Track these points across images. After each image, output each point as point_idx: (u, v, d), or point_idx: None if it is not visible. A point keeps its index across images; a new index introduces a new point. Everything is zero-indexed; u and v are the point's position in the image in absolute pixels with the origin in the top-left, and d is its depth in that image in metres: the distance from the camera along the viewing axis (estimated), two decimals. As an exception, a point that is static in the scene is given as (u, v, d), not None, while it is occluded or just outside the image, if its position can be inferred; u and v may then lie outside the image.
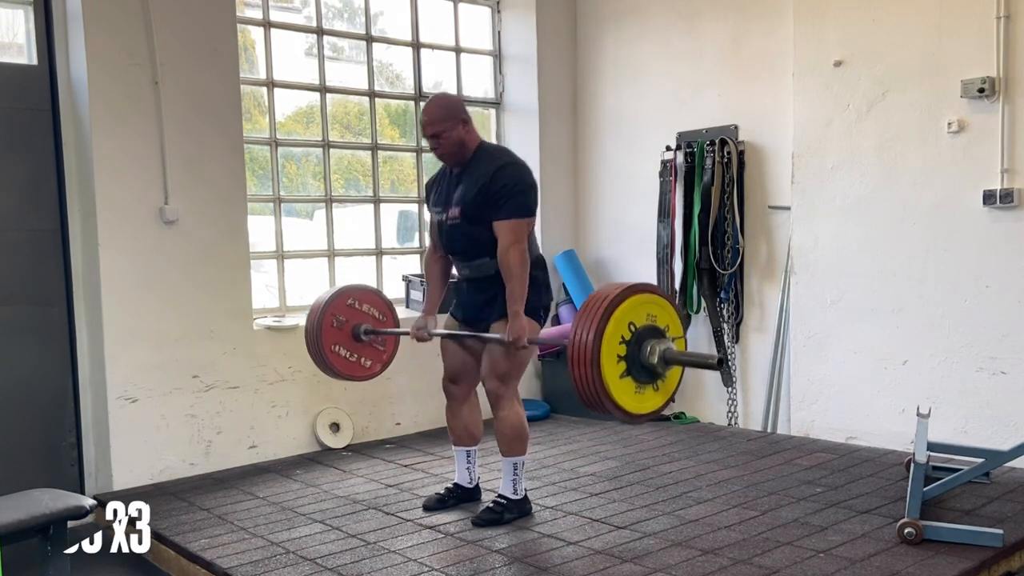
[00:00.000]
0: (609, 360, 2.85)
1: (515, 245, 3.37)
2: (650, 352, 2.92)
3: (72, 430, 4.35)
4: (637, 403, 2.95)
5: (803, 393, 4.94)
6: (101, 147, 4.18)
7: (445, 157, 3.54)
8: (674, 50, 5.53)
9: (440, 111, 3.46)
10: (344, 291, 4.20)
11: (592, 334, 2.83)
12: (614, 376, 2.88)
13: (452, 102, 3.62)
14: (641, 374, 2.94)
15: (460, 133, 3.46)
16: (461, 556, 3.19)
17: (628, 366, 2.90)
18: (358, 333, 4.16)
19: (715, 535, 3.33)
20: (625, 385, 2.91)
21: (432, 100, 3.58)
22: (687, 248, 5.31)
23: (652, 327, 2.96)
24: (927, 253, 4.43)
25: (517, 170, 3.46)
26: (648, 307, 2.97)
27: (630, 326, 2.91)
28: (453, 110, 3.48)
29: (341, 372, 4.15)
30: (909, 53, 4.43)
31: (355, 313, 4.19)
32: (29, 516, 2.88)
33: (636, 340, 2.91)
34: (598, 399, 2.88)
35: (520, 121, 6.05)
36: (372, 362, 4.23)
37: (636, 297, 2.94)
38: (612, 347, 2.86)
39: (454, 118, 3.45)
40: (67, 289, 4.31)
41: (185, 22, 4.38)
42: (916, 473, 3.29)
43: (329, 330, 4.10)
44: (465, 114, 3.51)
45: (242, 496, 4.05)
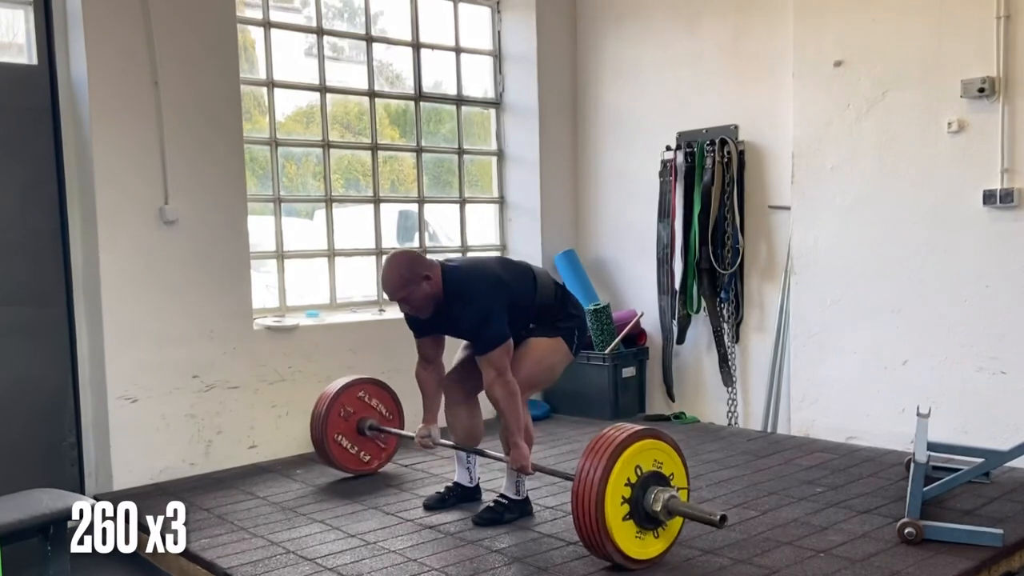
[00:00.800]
0: (614, 502, 2.89)
1: (496, 380, 3.37)
2: (654, 500, 2.94)
3: (72, 430, 4.35)
4: (638, 548, 2.97)
5: (803, 393, 4.94)
6: (101, 147, 4.18)
7: (421, 313, 3.47)
8: (674, 50, 5.53)
9: (399, 280, 3.36)
10: (356, 383, 4.33)
11: (599, 473, 2.87)
12: (617, 518, 2.91)
13: (406, 264, 3.41)
14: (644, 520, 2.96)
15: (425, 289, 3.37)
16: (461, 556, 3.19)
17: (631, 510, 2.93)
18: (363, 427, 4.30)
19: (715, 535, 3.32)
20: (627, 528, 2.94)
21: (388, 269, 3.42)
22: (687, 248, 5.31)
23: (658, 473, 2.99)
24: (927, 253, 4.43)
25: (475, 308, 3.38)
26: (655, 453, 3.00)
27: (637, 469, 2.94)
28: (411, 272, 3.36)
29: (338, 462, 4.26)
30: (909, 53, 4.43)
31: (363, 406, 4.33)
32: (29, 516, 2.88)
33: (641, 484, 2.94)
34: (599, 539, 2.89)
35: (520, 121, 6.05)
36: (371, 458, 4.36)
37: (645, 442, 2.98)
38: (617, 489, 2.89)
39: (415, 279, 3.36)
40: (67, 289, 4.31)
41: (185, 22, 4.38)
42: (916, 473, 3.29)
43: (335, 419, 4.24)
44: (424, 268, 3.39)
45: (242, 496, 4.05)
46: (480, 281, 3.45)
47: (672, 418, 5.46)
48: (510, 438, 3.42)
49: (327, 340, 4.95)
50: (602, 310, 5.52)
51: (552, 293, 3.61)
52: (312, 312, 5.13)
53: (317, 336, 4.93)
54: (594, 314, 5.50)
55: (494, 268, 3.57)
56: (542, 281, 3.60)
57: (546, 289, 3.59)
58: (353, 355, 4.99)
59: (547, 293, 3.58)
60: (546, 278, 3.66)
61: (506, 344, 3.39)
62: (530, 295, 3.52)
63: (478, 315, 3.38)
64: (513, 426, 3.39)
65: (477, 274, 3.49)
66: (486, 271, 3.52)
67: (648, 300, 5.67)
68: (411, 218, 5.83)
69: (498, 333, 3.38)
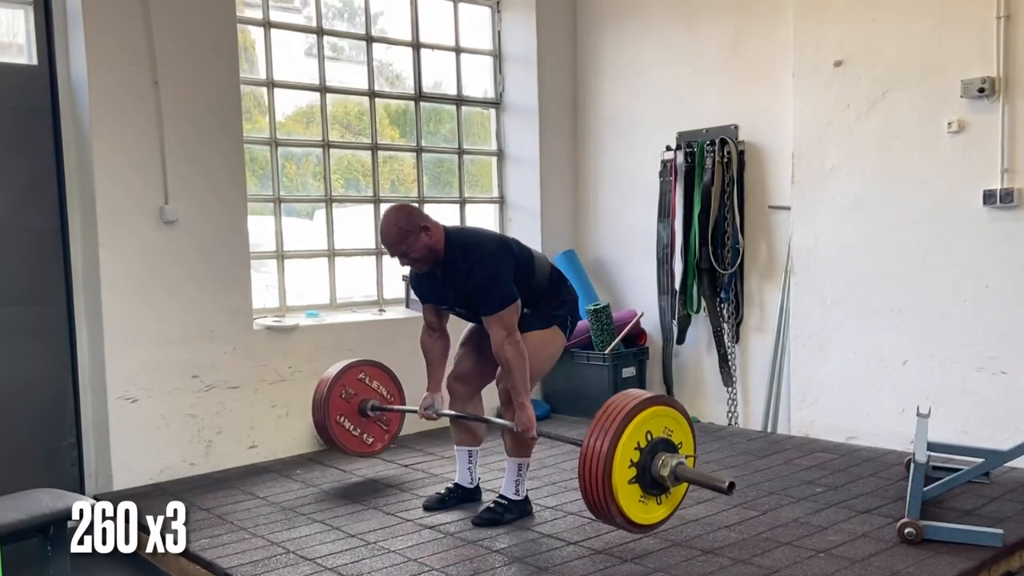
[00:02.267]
0: (621, 464, 2.88)
1: (506, 340, 3.35)
2: (662, 465, 2.93)
3: (72, 430, 4.35)
4: (641, 512, 2.97)
5: (803, 393, 4.94)
6: (101, 147, 4.18)
7: (419, 267, 3.49)
8: (674, 50, 5.53)
9: (397, 231, 3.36)
10: (356, 364, 4.32)
11: (610, 435, 2.86)
12: (623, 481, 2.89)
13: (404, 216, 3.42)
14: (650, 485, 2.96)
15: (425, 241, 3.37)
16: (461, 556, 3.20)
17: (638, 474, 2.92)
18: (365, 409, 4.29)
19: (715, 535, 3.32)
20: (633, 493, 2.93)
21: (386, 222, 3.41)
22: (687, 248, 5.31)
23: (667, 440, 2.98)
24: (927, 253, 4.43)
25: (483, 266, 3.37)
26: (665, 420, 2.99)
27: (647, 435, 2.94)
28: (409, 223, 3.37)
29: (341, 444, 4.25)
30: (909, 53, 4.43)
31: (365, 388, 4.32)
32: (29, 516, 2.88)
33: (650, 450, 2.94)
34: (604, 501, 2.88)
35: (520, 121, 6.05)
36: (374, 440, 4.35)
37: (656, 408, 2.97)
38: (627, 452, 2.89)
39: (414, 231, 3.36)
40: (67, 289, 4.31)
41: (185, 22, 4.38)
42: (916, 473, 3.29)
43: (337, 400, 4.23)
44: (422, 220, 3.40)
45: (242, 496, 4.05)
46: (487, 242, 3.48)
47: (672, 418, 5.46)
48: (516, 399, 3.39)
49: (327, 340, 4.95)
50: (602, 310, 5.52)
51: (548, 277, 3.60)
52: (312, 312, 5.13)
53: (317, 336, 4.93)
54: (594, 314, 5.50)
55: (497, 238, 3.63)
56: (540, 264, 3.61)
57: (543, 272, 3.59)
58: (353, 355, 4.95)
59: (543, 276, 3.58)
60: (544, 262, 3.66)
61: (515, 304, 3.38)
62: (528, 273, 3.51)
63: (486, 275, 3.36)
64: (520, 386, 3.37)
65: (483, 237, 3.54)
66: (492, 235, 3.58)
67: (648, 300, 5.67)
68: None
69: (507, 292, 3.37)
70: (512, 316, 3.37)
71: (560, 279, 3.68)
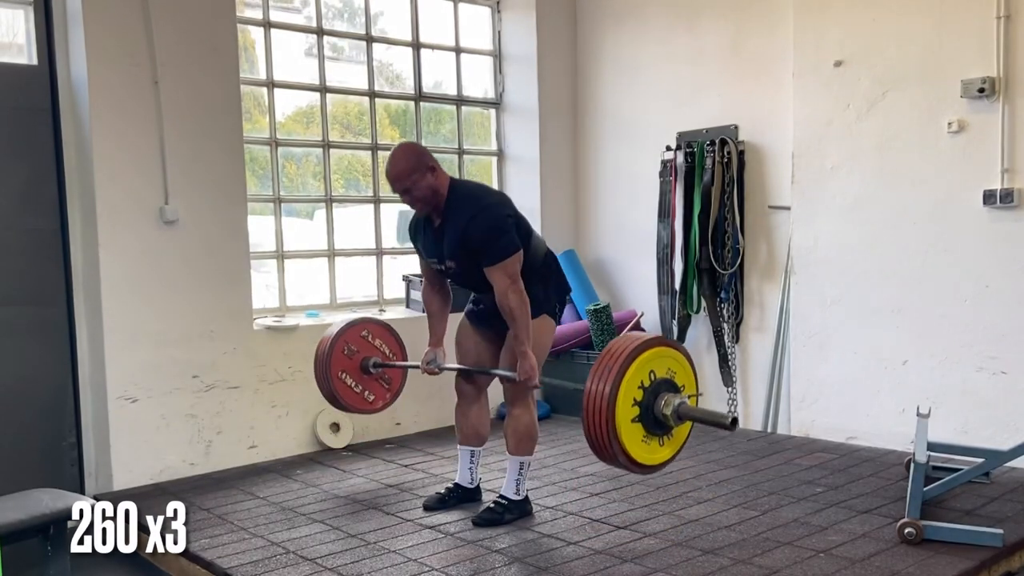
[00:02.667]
0: (625, 404, 2.86)
1: (510, 288, 3.34)
2: (665, 404, 2.92)
3: (72, 430, 4.35)
4: (650, 454, 2.96)
5: (803, 393, 4.94)
6: (101, 147, 4.18)
7: (419, 207, 3.48)
8: (674, 50, 5.53)
9: (405, 163, 3.36)
10: (360, 322, 4.32)
11: (613, 375, 2.84)
12: (626, 420, 2.88)
13: (415, 151, 3.45)
14: (652, 425, 2.94)
15: (430, 181, 3.37)
16: (461, 556, 3.19)
17: (641, 414, 2.91)
18: (367, 366, 4.26)
19: (715, 535, 3.33)
20: (635, 432, 2.92)
21: (394, 154, 3.43)
22: (687, 248, 5.31)
23: (669, 380, 2.97)
24: (927, 253, 4.43)
25: (489, 215, 3.37)
26: (668, 362, 2.98)
27: (650, 374, 2.93)
28: (418, 160, 3.38)
29: (344, 400, 4.23)
30: (909, 53, 4.43)
31: (367, 346, 4.29)
32: (29, 516, 2.88)
33: (653, 390, 2.92)
34: (608, 441, 2.87)
35: (520, 121, 6.05)
36: (375, 397, 4.33)
37: (659, 349, 2.96)
38: (630, 392, 2.87)
39: (421, 168, 3.36)
40: (67, 289, 4.31)
41: (185, 22, 4.38)
42: (916, 473, 3.29)
43: (339, 356, 4.20)
44: (431, 160, 3.41)
45: (242, 496, 4.05)
46: (491, 194, 3.53)
47: (672, 418, 5.46)
48: (518, 348, 3.38)
49: (327, 340, 4.94)
50: (602, 310, 5.52)
51: (543, 257, 3.58)
52: (312, 312, 5.13)
53: (317, 336, 4.87)
54: (594, 314, 5.50)
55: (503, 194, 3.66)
56: (536, 241, 3.59)
57: (538, 249, 3.57)
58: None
59: (538, 253, 3.56)
60: (541, 242, 3.63)
61: (518, 253, 3.37)
62: (525, 240, 3.49)
63: (489, 223, 3.35)
64: (523, 335, 3.36)
65: (487, 189, 3.57)
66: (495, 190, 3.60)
67: (648, 300, 5.66)
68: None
69: (511, 241, 3.36)
70: (515, 265, 3.36)
71: (554, 261, 3.66)
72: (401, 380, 4.41)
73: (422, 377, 3.84)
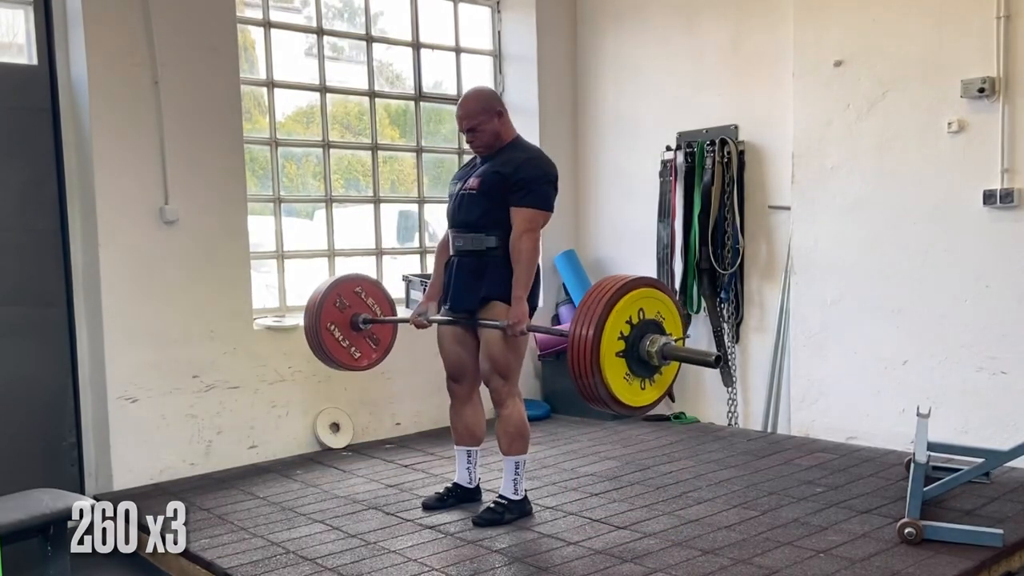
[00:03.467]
0: (608, 349, 2.84)
1: (528, 233, 3.43)
2: (650, 344, 2.91)
3: (72, 430, 4.35)
4: (632, 395, 2.94)
5: (803, 393, 4.94)
6: (101, 147, 4.18)
7: (480, 148, 3.61)
8: (674, 50, 5.54)
9: (476, 104, 3.55)
10: (354, 278, 4.26)
11: (595, 321, 2.82)
12: (612, 365, 2.86)
13: (487, 94, 3.67)
14: (638, 367, 2.92)
15: (496, 125, 3.56)
16: (461, 556, 3.20)
17: (627, 357, 2.89)
18: (356, 322, 4.19)
19: (715, 535, 3.33)
20: (622, 375, 2.90)
21: (467, 94, 3.65)
22: (687, 248, 5.31)
23: (653, 321, 2.95)
24: (927, 253, 4.43)
25: (544, 165, 3.56)
26: (650, 302, 2.96)
27: (634, 316, 2.89)
28: (489, 102, 3.58)
29: (329, 352, 4.12)
30: (909, 53, 4.43)
31: (359, 302, 4.22)
32: (29, 516, 2.88)
33: (636, 333, 2.90)
34: (594, 387, 2.86)
35: (520, 121, 5.96)
36: (361, 355, 4.24)
37: (640, 291, 2.93)
38: (613, 336, 2.85)
39: (489, 111, 3.54)
40: (67, 289, 4.31)
41: (185, 22, 4.38)
42: (916, 473, 3.29)
43: (330, 308, 4.12)
44: (501, 106, 3.61)
45: (242, 496, 4.05)
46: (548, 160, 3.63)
47: (672, 418, 5.46)
48: (515, 292, 3.43)
49: (327, 340, 4.94)
50: (602, 310, 5.51)
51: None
52: (312, 312, 5.12)
53: (317, 336, 4.92)
54: (594, 314, 5.49)
55: None
56: None
57: None
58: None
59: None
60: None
61: (548, 214, 3.51)
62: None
63: (543, 172, 3.52)
64: (522, 279, 3.42)
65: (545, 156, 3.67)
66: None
67: (648, 300, 5.66)
68: (411, 218, 5.83)
69: (549, 197, 3.52)
70: (540, 219, 3.49)
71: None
72: (390, 339, 4.32)
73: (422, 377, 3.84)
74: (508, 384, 3.56)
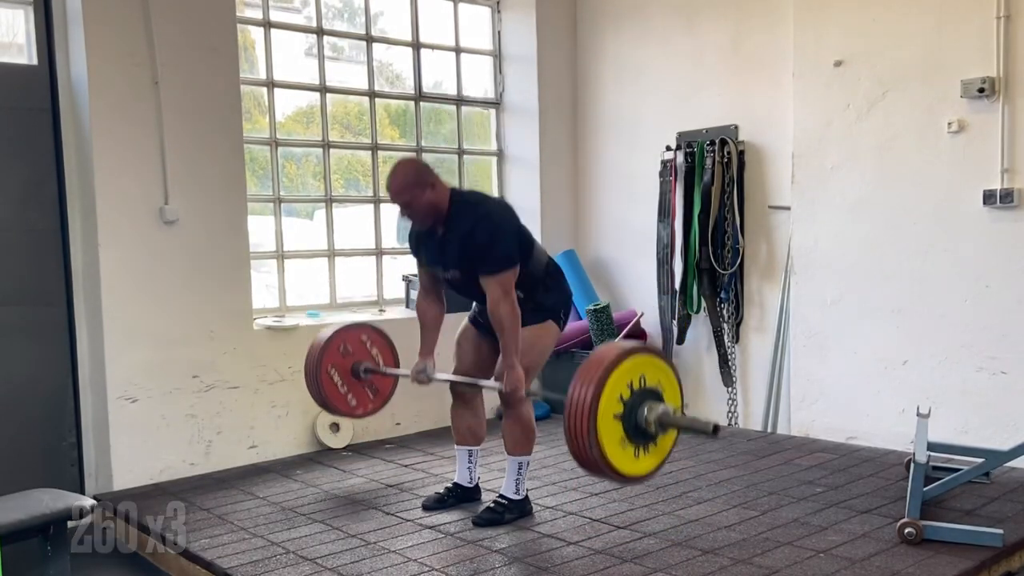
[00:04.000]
0: (607, 409, 2.84)
1: (503, 299, 3.36)
2: (648, 411, 2.90)
3: (72, 430, 4.35)
4: (626, 461, 2.91)
5: (803, 393, 4.94)
6: (101, 147, 4.18)
7: (421, 222, 3.50)
8: (674, 50, 5.54)
9: (405, 181, 3.39)
10: (362, 326, 4.33)
11: (595, 381, 2.82)
12: (608, 427, 2.85)
13: (414, 169, 3.49)
14: (634, 433, 2.91)
15: (429, 197, 3.39)
16: (461, 556, 3.20)
17: (624, 421, 2.89)
18: (358, 370, 4.26)
19: (715, 535, 3.33)
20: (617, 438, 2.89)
21: (395, 170, 3.47)
22: (687, 248, 5.31)
23: (653, 390, 2.95)
24: (927, 253, 4.43)
25: (489, 223, 3.40)
26: (652, 370, 2.96)
27: (635, 382, 2.90)
28: (418, 177, 3.41)
29: (326, 395, 4.18)
30: (909, 53, 4.43)
31: (363, 350, 4.29)
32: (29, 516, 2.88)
33: (636, 398, 2.90)
34: (588, 448, 2.84)
35: (520, 121, 6.05)
36: (357, 403, 4.30)
37: (642, 357, 2.94)
38: (613, 397, 2.85)
39: (420, 184, 3.38)
40: (67, 289, 4.31)
41: (185, 22, 4.38)
42: (916, 473, 3.29)
43: (333, 351, 4.19)
44: (430, 176, 3.44)
45: (242, 496, 4.05)
46: (493, 203, 3.53)
47: (672, 418, 5.46)
48: (507, 360, 3.40)
49: (327, 340, 4.94)
50: (602, 310, 5.52)
51: (544, 267, 3.59)
52: (312, 312, 5.13)
53: (317, 336, 4.93)
54: (594, 314, 5.50)
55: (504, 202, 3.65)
56: (538, 250, 3.60)
57: (539, 259, 3.58)
58: (353, 355, 5.00)
59: (540, 263, 3.57)
60: (542, 252, 3.64)
61: (515, 268, 3.39)
62: (527, 251, 3.50)
63: (489, 232, 3.37)
64: (511, 347, 3.38)
65: (490, 197, 3.58)
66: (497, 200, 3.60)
67: (648, 300, 5.67)
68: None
69: (509, 253, 3.38)
70: (510, 278, 3.37)
71: (557, 272, 3.67)
72: (390, 391, 4.40)
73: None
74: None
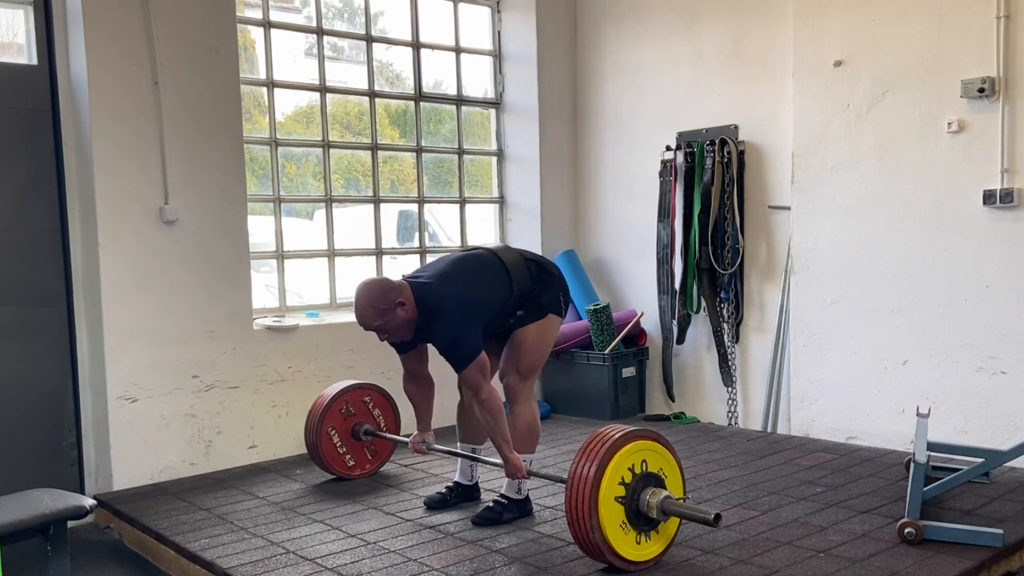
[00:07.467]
0: (608, 492, 2.86)
1: (474, 399, 3.38)
2: (651, 496, 2.92)
3: (72, 430, 4.35)
4: (627, 546, 2.93)
5: (803, 393, 4.94)
6: (101, 147, 4.18)
7: (400, 337, 3.45)
8: (674, 50, 5.54)
9: (374, 311, 3.32)
10: (366, 387, 4.35)
11: (597, 460, 2.84)
12: (610, 510, 2.87)
13: (380, 294, 3.34)
14: (636, 518, 2.93)
15: (400, 316, 3.34)
16: (461, 556, 3.19)
17: (625, 505, 2.90)
18: (358, 432, 4.30)
19: (715, 535, 3.32)
20: (619, 522, 2.91)
21: (360, 300, 3.35)
22: (687, 248, 5.31)
23: (655, 475, 2.97)
24: (927, 253, 4.43)
25: (442, 324, 3.34)
26: (654, 456, 2.98)
27: (636, 466, 2.93)
28: (386, 301, 3.32)
29: (324, 456, 4.21)
30: (909, 53, 4.43)
31: (365, 412, 4.34)
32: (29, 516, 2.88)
33: (638, 483, 2.92)
34: (589, 531, 2.85)
35: (520, 121, 6.05)
36: (355, 464, 4.33)
37: (644, 442, 2.97)
38: (614, 480, 2.87)
39: (390, 307, 3.32)
40: (67, 289, 4.31)
41: (185, 22, 4.38)
42: (916, 473, 3.29)
43: (335, 412, 4.23)
44: (396, 295, 3.33)
45: (242, 496, 4.05)
46: (447, 299, 3.35)
47: (672, 418, 5.47)
48: (500, 452, 3.43)
49: (327, 340, 4.95)
50: (602, 310, 5.52)
51: (527, 275, 3.53)
52: (312, 312, 5.13)
53: (317, 336, 4.93)
54: (594, 314, 5.50)
55: (460, 286, 3.40)
56: (514, 269, 3.51)
57: (520, 274, 3.51)
58: (353, 355, 5.00)
59: (522, 278, 3.51)
60: (517, 263, 3.55)
61: (478, 361, 3.34)
62: (506, 292, 3.46)
63: (448, 336, 3.35)
64: (499, 440, 3.40)
65: (445, 291, 3.37)
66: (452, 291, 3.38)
67: (648, 300, 5.67)
68: (411, 218, 5.83)
69: (468, 353, 3.33)
70: (476, 376, 3.34)
71: (543, 268, 3.63)
72: (389, 452, 4.44)
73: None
74: (525, 383, 3.60)
